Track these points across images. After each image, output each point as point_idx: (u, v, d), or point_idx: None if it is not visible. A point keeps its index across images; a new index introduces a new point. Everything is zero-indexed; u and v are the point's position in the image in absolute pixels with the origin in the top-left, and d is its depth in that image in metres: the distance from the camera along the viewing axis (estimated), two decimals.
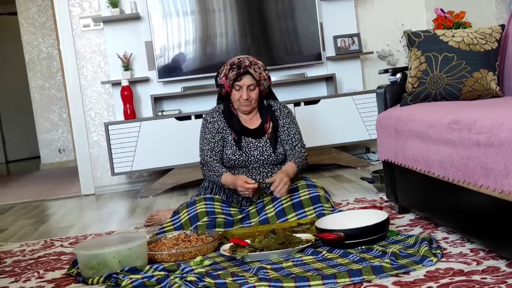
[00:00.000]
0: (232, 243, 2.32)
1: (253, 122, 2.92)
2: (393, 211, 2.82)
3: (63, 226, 3.53)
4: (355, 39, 4.70)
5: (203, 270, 2.05)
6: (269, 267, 2.06)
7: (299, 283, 1.86)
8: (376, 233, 2.23)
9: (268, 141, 2.86)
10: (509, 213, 1.75)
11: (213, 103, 3.13)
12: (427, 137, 2.23)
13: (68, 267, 2.45)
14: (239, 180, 2.68)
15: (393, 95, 2.85)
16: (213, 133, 2.87)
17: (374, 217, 2.32)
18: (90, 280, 2.18)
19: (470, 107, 2.17)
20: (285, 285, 1.86)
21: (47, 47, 7.31)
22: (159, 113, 4.44)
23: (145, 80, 4.60)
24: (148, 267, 2.16)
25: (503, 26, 2.69)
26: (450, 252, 2.08)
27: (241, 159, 2.82)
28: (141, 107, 4.64)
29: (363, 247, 2.19)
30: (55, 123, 7.35)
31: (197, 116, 4.29)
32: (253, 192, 2.69)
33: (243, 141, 2.85)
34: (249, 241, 2.31)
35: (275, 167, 2.86)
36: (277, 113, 2.92)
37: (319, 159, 4.45)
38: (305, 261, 2.11)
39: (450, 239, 2.24)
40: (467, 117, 1.98)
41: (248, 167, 2.85)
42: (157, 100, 4.54)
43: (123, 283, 2.04)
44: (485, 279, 1.75)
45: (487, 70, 2.57)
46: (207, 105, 4.44)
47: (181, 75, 4.52)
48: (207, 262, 2.25)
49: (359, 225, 2.25)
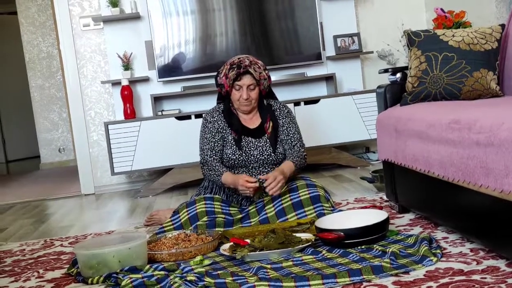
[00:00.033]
0: (232, 243, 2.32)
1: (253, 121, 2.92)
2: (393, 211, 2.81)
3: (63, 225, 3.53)
4: (355, 38, 4.70)
5: (203, 269, 2.05)
6: (269, 266, 2.06)
7: (299, 283, 1.86)
8: (376, 233, 2.23)
9: (268, 141, 2.86)
10: (509, 212, 1.75)
11: (213, 102, 3.13)
12: (427, 136, 2.23)
13: (68, 266, 2.45)
14: (240, 179, 2.67)
15: (393, 95, 2.85)
16: (213, 133, 2.87)
17: (374, 216, 2.32)
18: (90, 279, 2.18)
19: (470, 107, 2.17)
20: (285, 284, 1.86)
21: (47, 47, 7.31)
22: (159, 113, 4.43)
23: (145, 79, 4.60)
24: (148, 266, 2.16)
25: (503, 25, 2.68)
26: (450, 251, 2.08)
27: (241, 158, 2.82)
28: (141, 107, 4.64)
29: (363, 247, 2.19)
30: (55, 123, 7.35)
31: (197, 115, 4.29)
32: (254, 191, 2.69)
33: (243, 140, 2.85)
34: (249, 240, 2.31)
35: (275, 167, 2.85)
36: (277, 113, 2.92)
37: (319, 158, 4.45)
38: (305, 261, 2.11)
39: (450, 239, 2.24)
40: (467, 116, 1.97)
41: (248, 167, 2.84)
42: (157, 99, 4.54)
43: (123, 283, 2.04)
44: (485, 278, 1.75)
45: (487, 69, 2.57)
46: (207, 104, 4.43)
47: (181, 74, 4.52)
48: (207, 261, 2.25)
49: (359, 224, 2.25)
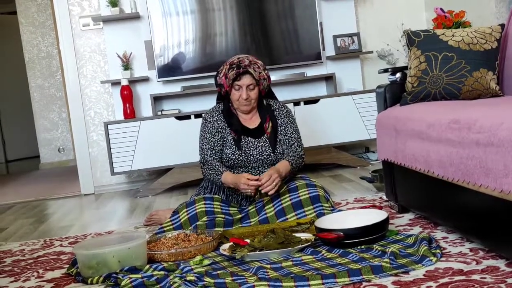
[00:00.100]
0: (231, 243, 2.32)
1: (252, 121, 2.91)
2: (393, 211, 2.81)
3: (63, 225, 3.53)
4: (355, 38, 4.69)
5: (202, 269, 2.05)
6: (268, 266, 2.06)
7: (298, 283, 1.86)
8: (375, 233, 2.23)
9: (267, 141, 2.86)
10: (508, 212, 1.75)
11: (213, 102, 3.13)
12: (427, 136, 2.23)
13: (67, 266, 2.45)
14: (242, 177, 2.67)
15: (393, 95, 2.85)
16: (213, 133, 2.87)
17: (373, 216, 2.32)
18: (89, 279, 2.18)
19: (469, 107, 2.17)
20: (284, 284, 1.86)
21: (46, 47, 7.31)
22: (159, 113, 4.43)
23: (145, 79, 4.60)
24: (147, 266, 2.16)
25: (502, 25, 2.68)
26: (449, 251, 2.08)
27: (241, 158, 2.82)
28: (141, 107, 4.64)
29: (362, 247, 2.19)
30: (55, 123, 7.34)
31: (197, 115, 4.29)
32: (255, 190, 2.68)
33: (243, 140, 2.85)
34: (248, 240, 2.31)
35: None
36: (276, 113, 2.92)
37: (319, 158, 4.45)
38: (305, 261, 2.11)
39: (449, 239, 2.23)
40: (466, 116, 1.97)
41: (247, 167, 2.84)
42: (157, 99, 4.54)
43: (123, 283, 2.04)
44: (485, 278, 1.75)
45: (486, 69, 2.57)
46: (206, 104, 4.43)
47: (181, 74, 4.52)
48: (206, 261, 2.25)
49: (359, 224, 2.25)
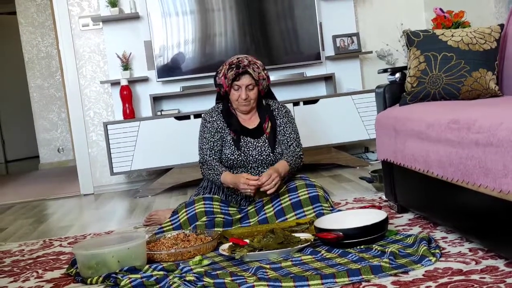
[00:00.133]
0: (231, 243, 2.32)
1: (252, 121, 2.91)
2: (392, 211, 2.81)
3: (62, 225, 3.53)
4: (354, 38, 4.70)
5: (202, 269, 2.05)
6: (268, 266, 2.06)
7: (298, 283, 1.86)
8: (375, 233, 2.23)
9: (266, 141, 2.86)
10: (508, 212, 1.75)
11: (212, 102, 3.13)
12: (426, 136, 2.23)
13: (67, 267, 2.45)
14: (242, 177, 2.67)
15: (392, 95, 2.85)
16: (212, 133, 2.87)
17: (373, 216, 2.32)
18: (89, 280, 2.18)
19: (469, 107, 2.17)
20: (284, 284, 1.86)
21: (46, 47, 7.30)
22: (158, 113, 4.43)
23: (144, 79, 4.60)
24: (147, 266, 2.16)
25: (502, 25, 2.69)
26: (449, 251, 2.08)
27: (240, 159, 2.82)
28: (140, 107, 4.64)
29: (362, 247, 2.19)
30: (54, 123, 7.34)
31: (196, 115, 4.29)
32: (254, 190, 2.68)
33: (242, 141, 2.85)
34: (248, 240, 2.31)
35: None
36: (275, 113, 2.92)
37: (318, 158, 4.45)
38: (304, 261, 2.11)
39: (449, 239, 2.24)
40: (466, 116, 1.97)
41: (246, 167, 2.84)
42: (156, 99, 4.54)
43: (122, 283, 2.04)
44: (484, 278, 1.75)
45: (486, 69, 2.57)
46: (206, 104, 4.43)
47: (180, 74, 4.52)
48: (206, 261, 2.25)
49: (358, 224, 2.25)
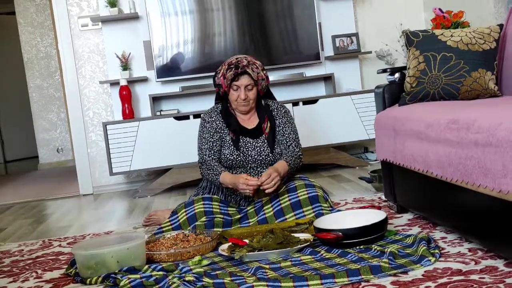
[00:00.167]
0: (230, 243, 2.32)
1: (251, 122, 2.91)
2: (392, 211, 2.81)
3: (62, 226, 3.53)
4: (354, 38, 4.70)
5: (201, 270, 2.05)
6: (267, 266, 2.06)
7: (297, 283, 1.86)
8: (374, 233, 2.23)
9: (265, 141, 2.86)
10: (507, 212, 1.75)
11: (211, 102, 3.13)
12: (426, 136, 2.23)
13: (66, 267, 2.45)
14: (241, 178, 2.67)
15: (392, 95, 2.85)
16: (211, 133, 2.86)
17: (372, 216, 2.32)
18: (88, 280, 2.18)
19: (468, 107, 2.17)
20: (283, 285, 1.86)
21: (45, 47, 7.30)
22: (158, 113, 4.43)
23: (144, 79, 4.60)
24: (146, 267, 2.16)
25: (501, 25, 2.69)
26: (448, 251, 2.08)
27: (239, 159, 2.82)
28: (140, 107, 4.64)
29: (361, 247, 2.19)
30: (54, 123, 7.34)
31: (196, 115, 4.28)
32: (254, 190, 2.68)
33: (241, 141, 2.84)
34: (247, 240, 2.31)
35: None
36: (274, 113, 2.92)
37: (318, 158, 4.45)
38: (304, 261, 2.11)
39: (448, 239, 2.24)
40: (465, 116, 1.98)
41: (245, 167, 2.84)
42: (156, 99, 4.54)
43: (122, 283, 2.03)
44: (483, 278, 1.75)
45: (485, 69, 2.57)
46: (205, 104, 4.43)
47: (180, 74, 4.52)
48: (205, 262, 2.25)
49: (358, 224, 2.25)
